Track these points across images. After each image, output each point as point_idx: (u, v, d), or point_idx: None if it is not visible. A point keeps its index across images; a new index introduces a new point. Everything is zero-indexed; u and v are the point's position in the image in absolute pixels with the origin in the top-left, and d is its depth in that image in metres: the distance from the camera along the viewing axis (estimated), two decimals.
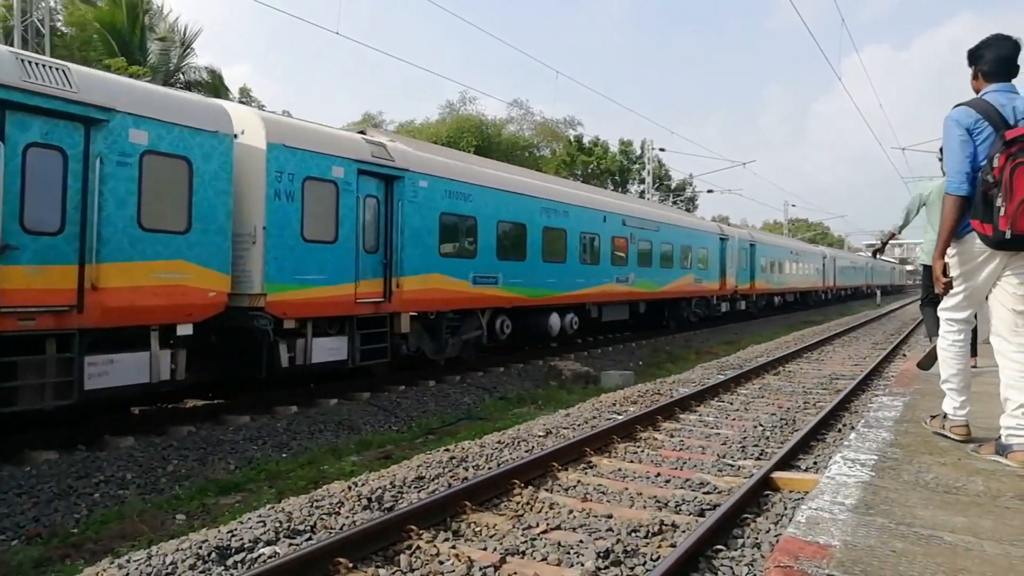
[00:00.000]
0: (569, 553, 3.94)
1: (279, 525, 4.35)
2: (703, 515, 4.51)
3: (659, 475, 5.53)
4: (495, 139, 34.72)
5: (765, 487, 5.08)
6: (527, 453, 6.20)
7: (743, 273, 25.36)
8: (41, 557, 4.62)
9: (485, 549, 4.03)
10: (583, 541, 4.11)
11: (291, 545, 4.11)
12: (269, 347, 8.17)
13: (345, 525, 4.44)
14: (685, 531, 4.22)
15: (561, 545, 4.05)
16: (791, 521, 2.76)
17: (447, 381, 11.06)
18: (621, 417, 7.60)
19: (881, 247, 8.29)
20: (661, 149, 34.64)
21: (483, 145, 32.03)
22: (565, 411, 8.54)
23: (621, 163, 41.86)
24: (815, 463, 5.83)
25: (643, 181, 35.96)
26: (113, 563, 3.91)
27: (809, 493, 3.11)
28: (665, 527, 4.31)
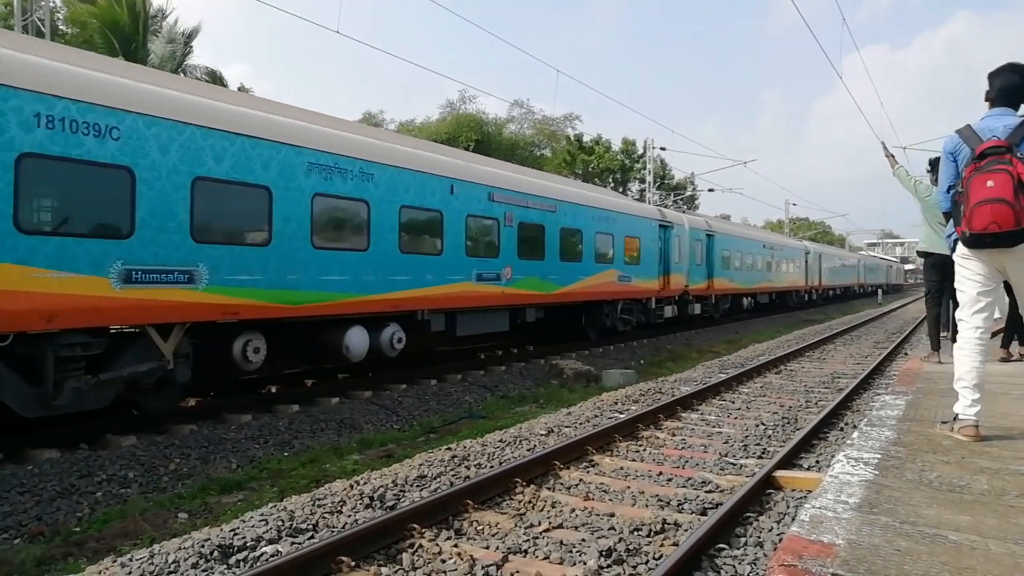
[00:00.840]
0: (571, 552, 3.94)
1: (281, 524, 4.35)
2: (705, 514, 4.51)
3: (661, 474, 5.53)
4: (495, 138, 34.73)
5: (767, 486, 5.08)
6: (529, 452, 6.20)
7: (697, 270, 20.69)
8: (43, 555, 4.62)
9: (487, 548, 4.03)
10: (585, 540, 4.10)
11: (293, 544, 4.11)
12: None
13: (347, 524, 4.44)
14: (687, 530, 4.22)
15: (563, 544, 4.05)
16: (794, 520, 2.75)
17: (449, 380, 11.07)
18: (623, 416, 7.60)
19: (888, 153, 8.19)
20: (662, 148, 34.52)
21: (482, 141, 32.02)
22: (567, 410, 8.54)
23: (622, 162, 41.83)
24: (817, 462, 5.82)
25: (644, 180, 35.93)
26: (115, 561, 3.91)
27: (812, 492, 3.11)
28: (667, 526, 4.31)
